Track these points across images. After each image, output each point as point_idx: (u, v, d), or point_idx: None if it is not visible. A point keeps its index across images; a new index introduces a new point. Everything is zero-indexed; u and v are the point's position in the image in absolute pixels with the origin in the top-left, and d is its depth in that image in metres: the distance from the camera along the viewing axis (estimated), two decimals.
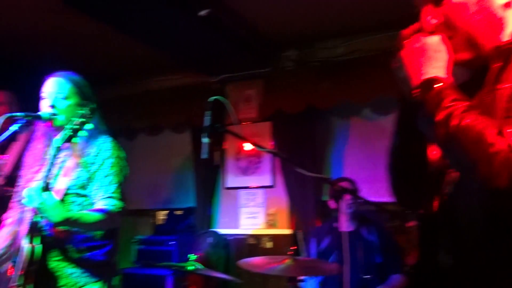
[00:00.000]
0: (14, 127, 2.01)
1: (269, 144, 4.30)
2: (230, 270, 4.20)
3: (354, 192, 3.00)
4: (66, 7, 3.22)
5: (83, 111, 1.88)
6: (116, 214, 2.04)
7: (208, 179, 4.55)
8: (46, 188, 1.84)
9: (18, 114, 1.99)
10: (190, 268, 2.63)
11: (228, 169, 4.61)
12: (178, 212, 4.76)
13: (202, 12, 3.24)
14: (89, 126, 1.86)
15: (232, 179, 4.59)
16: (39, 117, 2.07)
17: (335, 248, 2.99)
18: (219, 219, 4.59)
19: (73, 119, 1.87)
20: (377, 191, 3.93)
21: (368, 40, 4.00)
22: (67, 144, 2.05)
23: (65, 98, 2.12)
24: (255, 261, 2.55)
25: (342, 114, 4.31)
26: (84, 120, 1.85)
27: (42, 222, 1.98)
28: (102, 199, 2.05)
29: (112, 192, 2.06)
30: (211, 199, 4.57)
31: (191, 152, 4.73)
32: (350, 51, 4.10)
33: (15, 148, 2.94)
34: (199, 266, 2.67)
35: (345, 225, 3.11)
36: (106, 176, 2.08)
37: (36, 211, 1.84)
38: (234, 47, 3.95)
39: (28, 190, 1.82)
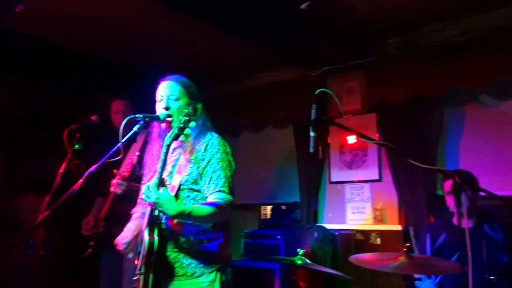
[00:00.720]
0: (135, 128, 2.16)
1: (375, 136, 4.13)
2: (337, 266, 4.14)
3: (473, 185, 2.74)
4: (170, 13, 3.40)
5: (187, 110, 1.98)
6: (226, 207, 2.11)
7: (312, 173, 4.53)
8: (162, 184, 1.97)
9: (138, 115, 2.13)
10: (299, 262, 2.61)
11: (333, 163, 4.54)
12: (283, 207, 4.79)
13: (304, 5, 3.21)
14: (193, 124, 1.95)
15: (336, 173, 4.51)
16: (157, 118, 2.21)
17: (453, 245, 2.76)
18: (324, 213, 4.54)
19: (180, 118, 1.98)
20: (500, 183, 3.58)
21: (481, 18, 3.64)
22: (179, 143, 2.17)
23: (176, 99, 2.25)
24: (366, 257, 2.46)
25: (454, 101, 3.99)
26: (187, 118, 1.95)
27: (161, 215, 2.12)
28: (213, 193, 2.14)
29: (221, 186, 2.14)
30: (315, 194, 4.54)
31: (293, 147, 4.74)
32: (461, 32, 3.76)
33: (135, 148, 3.20)
34: (307, 260, 2.64)
35: (464, 221, 2.86)
36: (214, 171, 2.16)
37: (154, 206, 1.97)
38: (334, 39, 3.86)
39: (145, 186, 1.96)
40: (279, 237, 4.27)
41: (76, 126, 2.91)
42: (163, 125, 2.23)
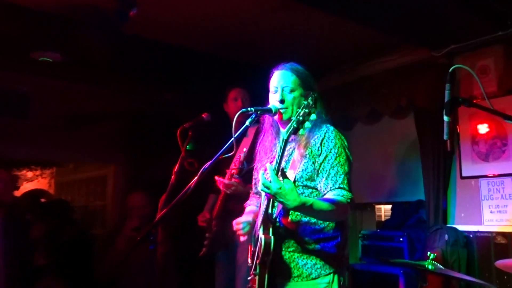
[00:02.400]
0: (247, 123, 2.18)
1: None
2: (473, 273, 3.84)
3: None
4: (285, 1, 3.39)
5: (306, 102, 1.90)
6: (346, 205, 2.04)
7: (439, 167, 4.22)
8: (281, 173, 1.93)
9: (250, 109, 2.15)
10: (430, 267, 2.41)
11: (464, 155, 4.19)
12: (405, 206, 4.60)
13: None
14: (313, 116, 1.87)
15: (469, 167, 4.16)
16: (270, 111, 2.21)
17: None
18: (455, 213, 4.22)
19: (298, 110, 1.90)
20: None
21: None
22: (292, 137, 2.14)
23: (291, 90, 2.22)
24: None
25: None
26: (308, 110, 1.87)
27: (276, 213, 2.11)
28: (332, 190, 2.08)
29: (341, 183, 2.08)
30: (444, 191, 4.23)
31: (415, 138, 4.49)
32: None
33: (246, 143, 3.25)
34: (439, 266, 2.43)
35: None
36: (332, 167, 2.10)
37: (273, 198, 1.94)
38: (462, 10, 3.50)
39: (262, 176, 1.93)
40: (402, 239, 4.11)
41: (189, 124, 3.03)
42: (276, 116, 2.22)
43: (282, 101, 2.20)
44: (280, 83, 2.23)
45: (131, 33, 3.72)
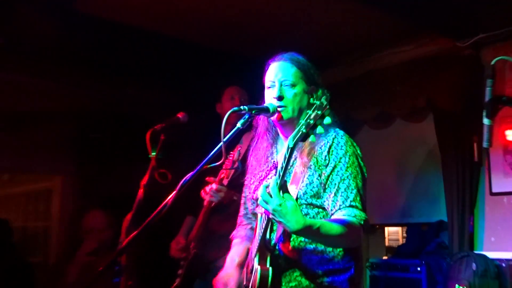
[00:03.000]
0: (238, 125, 2.14)
1: None
2: None
3: None
4: None
5: (319, 102, 1.82)
6: (359, 228, 2.02)
7: (464, 181, 4.28)
8: (283, 188, 1.89)
9: (243, 107, 2.11)
10: None
11: (494, 167, 4.27)
12: (424, 228, 4.65)
13: None
14: (328, 120, 1.81)
15: (501, 181, 4.23)
16: (266, 110, 2.17)
17: None
18: (484, 237, 4.28)
19: (308, 111, 1.84)
20: None
21: None
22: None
23: (291, 85, 2.20)
24: None
25: None
26: (320, 113, 1.80)
27: (275, 238, 2.08)
28: (341, 208, 2.05)
29: (352, 200, 2.06)
30: (471, 210, 4.29)
31: (435, 146, 4.54)
32: None
33: (240, 150, 3.21)
34: None
35: None
36: (342, 180, 2.08)
37: (272, 217, 1.90)
38: None
39: (263, 188, 1.89)
40: (419, 268, 4.15)
41: (160, 126, 2.98)
42: (274, 116, 2.19)
43: (280, 98, 2.17)
44: (278, 76, 2.21)
45: (86, 11, 3.63)
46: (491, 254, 4.07)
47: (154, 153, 2.90)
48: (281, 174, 1.87)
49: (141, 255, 3.93)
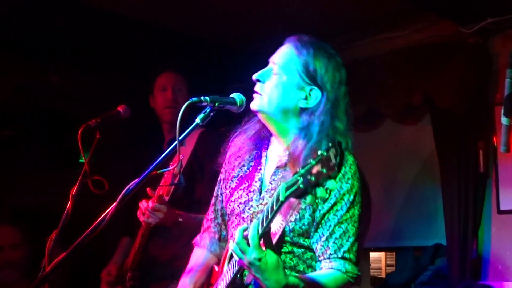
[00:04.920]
0: (197, 120, 2.14)
1: None
2: None
3: None
4: None
5: (325, 153, 1.66)
6: (349, 285, 2.08)
7: (467, 197, 4.32)
8: (266, 238, 1.89)
9: (204, 98, 2.12)
10: None
11: (503, 180, 4.33)
12: (417, 253, 4.69)
13: None
14: (332, 185, 1.67)
15: (510, 196, 4.29)
16: (231, 102, 2.19)
17: None
18: (489, 264, 4.34)
19: (311, 162, 1.68)
20: None
21: None
22: (283, 163, 2.17)
23: (278, 72, 2.21)
24: None
25: None
26: (325, 171, 1.64)
27: (248, 280, 2.07)
28: (332, 259, 2.08)
29: (346, 251, 2.09)
30: (475, 231, 4.34)
31: (433, 152, 4.58)
32: None
33: (184, 151, 3.17)
34: None
35: None
36: (340, 223, 2.10)
37: (247, 268, 1.91)
38: None
39: (239, 233, 1.88)
40: None
41: (96, 122, 2.94)
42: (241, 110, 2.23)
43: (257, 81, 2.21)
44: (274, 58, 2.26)
45: None
46: (499, 285, 4.16)
47: (86, 156, 2.85)
48: (264, 224, 1.86)
49: (65, 285, 3.89)
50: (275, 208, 1.82)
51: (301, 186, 1.69)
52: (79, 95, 4.87)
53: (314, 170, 1.66)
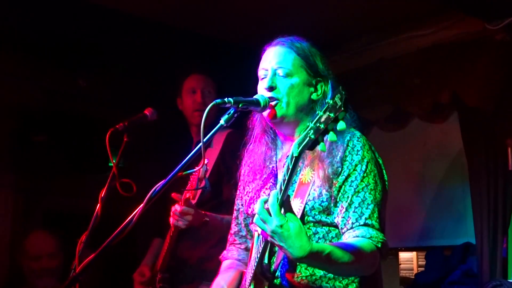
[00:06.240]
0: (221, 121, 2.15)
1: None
2: None
3: None
4: None
5: (332, 101, 1.76)
6: (376, 252, 2.05)
7: (497, 196, 4.30)
8: (286, 206, 1.90)
9: (228, 99, 2.13)
10: None
11: None
12: (447, 253, 4.69)
13: None
14: (342, 125, 1.74)
15: None
16: (255, 103, 2.20)
17: None
18: None
19: (318, 113, 1.80)
20: None
21: None
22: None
23: (287, 74, 2.24)
24: None
25: None
26: (333, 115, 1.73)
27: (275, 264, 2.10)
28: (355, 227, 2.09)
29: (368, 218, 2.09)
30: (504, 230, 4.31)
31: (462, 151, 4.57)
32: None
33: (211, 154, 3.20)
34: None
35: None
36: (357, 193, 2.12)
37: (270, 238, 1.90)
38: None
39: (260, 204, 1.89)
40: None
41: (123, 125, 2.97)
42: (265, 112, 2.24)
43: (271, 88, 2.21)
44: (272, 63, 2.25)
45: None
46: None
47: (115, 160, 2.88)
48: (283, 188, 1.88)
49: (97, 286, 3.92)
50: (290, 167, 1.85)
51: (312, 136, 1.77)
52: (108, 99, 4.93)
53: (323, 119, 1.75)
